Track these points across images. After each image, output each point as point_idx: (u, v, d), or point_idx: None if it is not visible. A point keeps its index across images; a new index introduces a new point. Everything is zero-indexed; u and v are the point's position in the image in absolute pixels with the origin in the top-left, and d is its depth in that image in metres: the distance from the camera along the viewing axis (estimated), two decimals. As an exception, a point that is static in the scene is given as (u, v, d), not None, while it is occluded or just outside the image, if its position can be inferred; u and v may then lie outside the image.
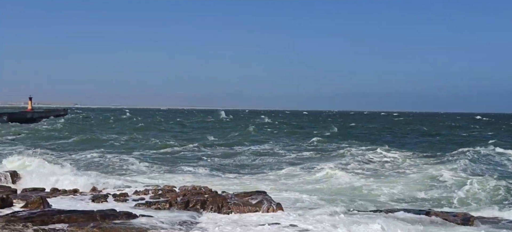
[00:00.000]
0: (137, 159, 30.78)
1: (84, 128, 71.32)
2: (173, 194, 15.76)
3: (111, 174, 24.75)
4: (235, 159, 33.35)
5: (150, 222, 11.09)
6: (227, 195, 15.56)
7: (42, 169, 22.20)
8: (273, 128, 75.45)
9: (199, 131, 68.78)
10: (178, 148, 40.34)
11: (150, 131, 65.62)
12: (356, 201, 18.26)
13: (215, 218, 12.24)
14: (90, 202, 14.56)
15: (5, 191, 15.12)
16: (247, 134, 57.27)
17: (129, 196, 15.89)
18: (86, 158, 31.95)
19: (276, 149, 39.76)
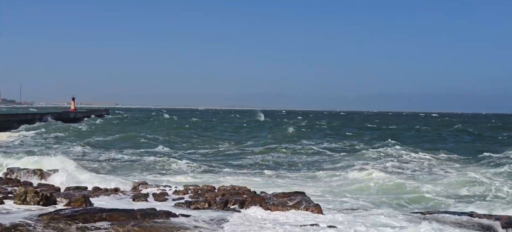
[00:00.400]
0: (177, 159, 31.06)
1: (124, 128, 72.36)
2: (212, 194, 15.83)
3: (151, 173, 25.03)
4: (273, 159, 33.29)
5: (189, 222, 11.13)
6: (266, 195, 15.53)
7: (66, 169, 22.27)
8: (311, 128, 75.13)
9: (237, 131, 69.04)
10: (217, 148, 40.57)
11: (188, 131, 66.21)
12: (395, 202, 17.99)
13: (253, 218, 12.20)
14: (131, 201, 14.73)
15: (49, 189, 15.43)
16: (285, 135, 57.11)
17: (169, 195, 16.04)
18: (124, 158, 32.36)
19: (314, 149, 39.53)
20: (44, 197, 13.04)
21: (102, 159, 31.18)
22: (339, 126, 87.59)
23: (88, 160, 30.69)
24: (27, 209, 12.05)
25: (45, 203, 12.86)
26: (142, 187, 17.78)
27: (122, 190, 16.97)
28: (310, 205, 13.94)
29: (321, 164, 30.07)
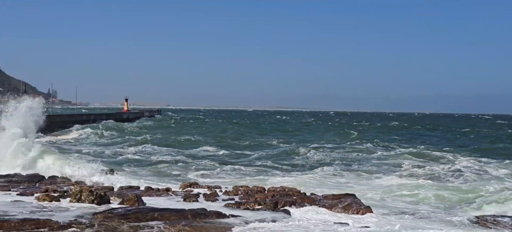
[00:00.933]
0: (227, 159, 31.25)
1: (176, 128, 73.39)
2: (262, 195, 15.85)
3: (202, 173, 25.27)
4: (322, 161, 33.01)
5: (239, 222, 11.17)
6: (316, 196, 15.45)
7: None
8: (357, 129, 74.19)
9: (284, 132, 69.00)
10: (267, 149, 40.63)
11: (239, 132, 66.57)
12: (441, 207, 17.35)
13: (303, 219, 12.14)
14: (182, 201, 14.91)
15: (103, 189, 15.80)
16: (332, 136, 56.57)
17: (219, 196, 16.15)
18: (175, 158, 32.77)
19: (364, 151, 38.99)
20: (98, 196, 13.37)
21: (153, 159, 31.69)
22: (388, 128, 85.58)
23: (139, 160, 31.27)
24: (82, 207, 12.38)
25: (99, 201, 13.19)
26: (192, 187, 17.97)
27: (173, 190, 17.20)
28: (360, 207, 13.77)
29: (370, 166, 29.49)
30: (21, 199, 13.75)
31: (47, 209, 11.99)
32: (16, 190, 15.66)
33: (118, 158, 32.43)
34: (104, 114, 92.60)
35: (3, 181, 17.36)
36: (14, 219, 10.43)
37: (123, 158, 32.40)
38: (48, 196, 13.77)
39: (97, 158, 26.62)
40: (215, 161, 30.83)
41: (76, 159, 26.97)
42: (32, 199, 13.75)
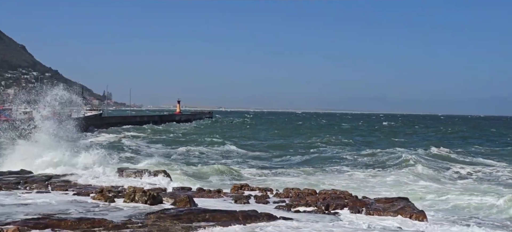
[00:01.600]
0: (278, 160, 31.23)
1: (226, 130, 73.96)
2: (313, 198, 15.77)
3: (252, 175, 25.33)
4: (373, 164, 32.54)
5: (289, 224, 11.14)
6: (368, 200, 15.25)
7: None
8: (404, 131, 72.79)
9: (334, 133, 68.54)
10: (317, 150, 40.43)
11: (288, 132, 66.52)
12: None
13: (355, 222, 12.00)
14: (233, 203, 15.00)
15: (156, 189, 16.06)
16: (379, 139, 55.52)
17: (270, 198, 16.17)
18: (227, 161, 32.97)
19: (412, 153, 38.18)
20: (151, 196, 13.61)
21: (203, 160, 32.00)
22: (442, 130, 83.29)
23: (190, 161, 31.63)
24: (135, 208, 12.63)
25: (152, 202, 13.42)
26: (243, 189, 18.04)
27: (224, 192, 17.32)
28: (414, 211, 13.50)
29: (419, 169, 28.73)
30: (78, 199, 14.16)
31: (102, 209, 12.29)
32: (72, 190, 16.13)
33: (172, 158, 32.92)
34: (158, 116, 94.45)
35: (61, 180, 17.90)
36: (70, 218, 10.75)
37: (174, 157, 32.91)
38: (103, 196, 14.11)
39: (162, 158, 27.20)
40: (265, 162, 30.88)
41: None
42: (88, 199, 14.13)
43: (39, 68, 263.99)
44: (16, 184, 16.81)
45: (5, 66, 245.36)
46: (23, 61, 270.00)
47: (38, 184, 16.96)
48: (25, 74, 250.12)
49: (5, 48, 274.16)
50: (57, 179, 18.22)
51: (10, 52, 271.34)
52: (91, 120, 69.12)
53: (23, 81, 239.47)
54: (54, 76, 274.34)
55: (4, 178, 18.05)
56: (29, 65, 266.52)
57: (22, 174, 19.79)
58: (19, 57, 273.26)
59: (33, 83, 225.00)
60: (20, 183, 17.01)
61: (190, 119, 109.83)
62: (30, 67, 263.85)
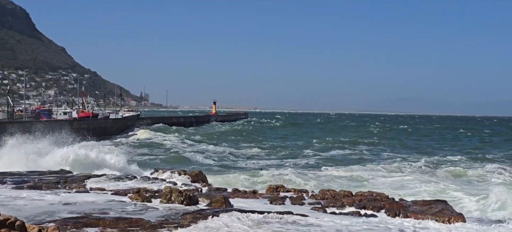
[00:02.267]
0: (311, 160, 31.10)
1: (262, 131, 74.04)
2: (349, 199, 15.67)
3: (289, 177, 25.25)
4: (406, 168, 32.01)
5: (325, 225, 11.08)
6: (405, 202, 15.07)
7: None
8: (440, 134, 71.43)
9: (369, 134, 67.91)
10: (362, 153, 40.16)
11: (325, 133, 66.25)
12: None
13: (392, 224, 11.86)
14: (268, 204, 15.02)
15: (192, 190, 16.20)
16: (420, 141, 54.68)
17: (306, 199, 16.13)
18: (267, 162, 33.00)
19: (450, 156, 37.52)
20: (187, 197, 13.73)
21: (239, 164, 32.09)
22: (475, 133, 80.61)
23: (225, 161, 31.79)
24: (171, 208, 12.76)
25: (188, 202, 13.54)
26: (279, 190, 18.03)
27: (260, 193, 17.35)
28: (452, 214, 13.28)
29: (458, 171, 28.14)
30: (115, 198, 14.39)
31: (139, 209, 12.46)
32: (110, 189, 16.41)
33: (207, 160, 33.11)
34: (194, 117, 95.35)
35: (99, 180, 18.22)
36: (108, 217, 10.94)
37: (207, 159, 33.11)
38: (140, 196, 14.31)
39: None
40: (309, 159, 30.78)
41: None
42: (125, 198, 14.35)
43: (78, 69, 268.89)
44: (56, 184, 17.19)
45: (45, 67, 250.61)
46: (63, 62, 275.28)
47: (77, 184, 17.32)
48: (65, 76, 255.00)
49: (46, 50, 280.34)
50: (95, 178, 18.55)
51: (50, 54, 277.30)
52: (130, 121, 70.19)
53: (63, 82, 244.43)
54: (93, 77, 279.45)
55: (45, 178, 18.48)
56: (68, 67, 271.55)
57: (61, 173, 20.23)
58: (59, 58, 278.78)
59: (72, 84, 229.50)
60: (60, 183, 17.40)
61: (228, 119, 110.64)
62: (69, 68, 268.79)
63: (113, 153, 25.99)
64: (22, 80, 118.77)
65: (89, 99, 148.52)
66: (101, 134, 53.43)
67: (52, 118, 64.63)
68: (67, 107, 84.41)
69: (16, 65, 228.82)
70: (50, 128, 40.16)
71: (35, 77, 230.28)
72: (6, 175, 18.96)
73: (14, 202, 12.81)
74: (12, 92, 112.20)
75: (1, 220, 7.91)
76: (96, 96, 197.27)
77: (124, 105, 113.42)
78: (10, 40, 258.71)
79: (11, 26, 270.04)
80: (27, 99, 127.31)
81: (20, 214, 9.80)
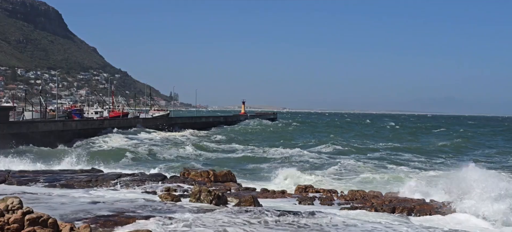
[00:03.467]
0: (351, 160, 30.81)
1: (297, 132, 73.92)
2: (379, 200, 15.55)
3: (321, 177, 25.11)
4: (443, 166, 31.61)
5: (352, 225, 11.02)
6: (436, 203, 14.89)
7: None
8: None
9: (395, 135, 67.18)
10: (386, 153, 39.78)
11: (358, 135, 65.78)
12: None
13: (421, 226, 11.73)
14: (297, 204, 15.01)
15: (221, 189, 16.28)
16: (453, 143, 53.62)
17: (335, 200, 16.06)
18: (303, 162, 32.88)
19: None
20: (216, 196, 13.81)
21: (265, 163, 32.07)
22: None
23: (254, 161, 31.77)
24: (200, 207, 12.85)
25: (217, 202, 13.61)
26: (308, 190, 17.98)
27: (288, 193, 17.34)
28: (485, 216, 13.11)
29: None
30: (145, 197, 14.56)
31: (168, 207, 12.57)
32: (140, 188, 16.60)
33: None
34: (223, 117, 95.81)
35: (130, 179, 18.45)
36: (138, 215, 11.08)
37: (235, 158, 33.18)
38: (169, 195, 14.46)
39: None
40: (333, 162, 30.61)
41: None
42: (155, 197, 14.50)
43: (109, 69, 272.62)
44: (87, 182, 17.47)
45: (77, 67, 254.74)
46: (94, 63, 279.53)
47: (108, 182, 17.56)
48: (96, 76, 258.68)
49: (78, 50, 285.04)
50: (126, 177, 18.78)
51: (82, 54, 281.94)
52: (159, 120, 70.85)
53: (94, 82, 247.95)
54: (124, 77, 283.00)
55: (77, 176, 18.79)
56: (99, 67, 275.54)
57: (93, 172, 20.54)
58: (91, 59, 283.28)
59: (103, 84, 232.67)
60: (91, 181, 17.67)
61: (258, 118, 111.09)
62: (100, 68, 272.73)
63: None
64: (54, 80, 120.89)
65: (120, 98, 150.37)
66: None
67: (83, 117, 65.59)
68: (99, 107, 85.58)
69: (48, 65, 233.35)
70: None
71: (67, 77, 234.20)
72: (39, 174, 19.33)
73: (47, 200, 13.06)
74: (45, 92, 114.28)
75: (34, 217, 8.08)
76: (127, 96, 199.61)
77: (153, 105, 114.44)
78: (43, 40, 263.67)
79: (44, 27, 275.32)
80: (59, 98, 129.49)
81: (52, 213, 10.00)
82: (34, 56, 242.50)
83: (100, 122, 55.00)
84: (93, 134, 48.32)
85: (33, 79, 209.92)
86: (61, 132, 43.77)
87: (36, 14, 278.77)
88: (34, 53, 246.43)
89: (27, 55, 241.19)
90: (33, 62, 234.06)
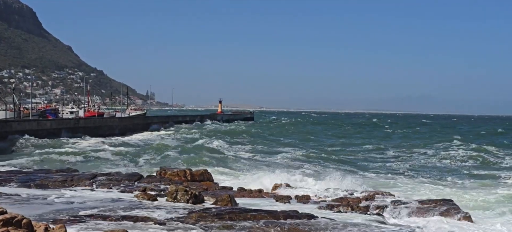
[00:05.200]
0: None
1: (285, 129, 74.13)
2: (355, 199, 15.70)
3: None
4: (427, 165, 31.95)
5: (330, 224, 11.12)
6: (410, 201, 15.07)
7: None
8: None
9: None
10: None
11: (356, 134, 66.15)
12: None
13: (396, 224, 11.91)
14: (274, 202, 15.07)
15: (197, 188, 16.27)
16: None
17: (311, 198, 16.17)
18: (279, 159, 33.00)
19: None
20: (193, 195, 13.82)
21: (243, 159, 32.11)
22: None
23: (230, 161, 31.77)
24: (177, 206, 12.84)
25: (194, 201, 13.63)
26: (284, 188, 18.05)
27: (265, 191, 17.41)
28: (459, 213, 13.35)
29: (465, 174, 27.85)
30: (121, 196, 14.49)
31: (144, 207, 12.54)
32: (117, 188, 16.51)
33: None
34: (199, 116, 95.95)
35: (106, 178, 18.33)
36: (114, 215, 11.03)
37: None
38: (146, 194, 14.41)
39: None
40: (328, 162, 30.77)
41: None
42: (131, 196, 14.44)
43: (84, 68, 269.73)
44: (62, 182, 17.30)
45: (52, 66, 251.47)
46: (69, 61, 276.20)
47: (84, 182, 17.42)
48: (71, 74, 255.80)
49: (52, 49, 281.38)
50: (102, 177, 18.65)
51: (56, 52, 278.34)
52: (136, 119, 70.46)
53: (69, 81, 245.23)
54: (99, 76, 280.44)
55: (52, 176, 18.58)
56: (75, 66, 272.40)
57: (68, 172, 20.34)
58: (66, 57, 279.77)
59: (78, 83, 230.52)
60: (66, 181, 17.50)
61: (235, 118, 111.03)
62: (76, 67, 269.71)
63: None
64: (28, 79, 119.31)
65: (96, 98, 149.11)
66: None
67: (58, 117, 64.85)
68: (74, 106, 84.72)
69: (22, 63, 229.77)
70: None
71: (42, 76, 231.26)
72: (13, 174, 19.09)
73: (21, 200, 12.92)
74: (18, 90, 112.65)
75: (8, 218, 7.99)
76: (102, 95, 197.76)
77: (130, 104, 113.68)
78: (17, 38, 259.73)
79: (18, 25, 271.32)
80: (34, 98, 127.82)
81: (26, 213, 9.90)
82: (7, 55, 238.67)
83: (76, 121, 54.47)
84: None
85: (6, 78, 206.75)
86: (36, 131, 43.24)
87: (10, 12, 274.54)
88: (7, 51, 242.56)
89: (1, 53, 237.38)
90: (6, 60, 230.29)
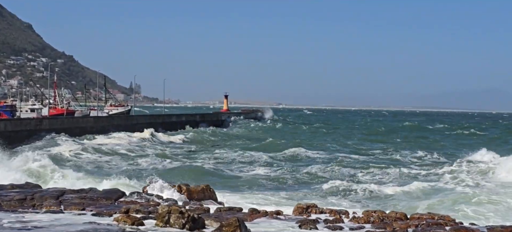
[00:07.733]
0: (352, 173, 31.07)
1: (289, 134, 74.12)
2: (402, 224, 15.63)
3: (325, 193, 25.25)
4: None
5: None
6: (477, 228, 15.01)
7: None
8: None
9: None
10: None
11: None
12: None
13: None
14: (297, 228, 15.04)
15: (196, 210, 16.29)
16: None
17: (345, 222, 16.12)
18: (291, 174, 33.07)
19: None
20: (190, 218, 13.79)
21: (256, 173, 32.19)
22: None
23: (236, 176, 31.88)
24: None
25: (192, 226, 13.60)
26: (310, 211, 18.03)
27: (285, 213, 17.38)
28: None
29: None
30: (97, 220, 14.53)
31: (127, 234, 12.57)
32: (91, 209, 16.57)
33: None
34: (198, 115, 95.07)
35: (76, 197, 18.40)
36: (88, 244, 11.07)
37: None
38: (129, 217, 14.43)
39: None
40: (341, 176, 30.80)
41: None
42: (110, 221, 14.48)
43: (49, 53, 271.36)
44: (20, 201, 17.36)
45: (7, 50, 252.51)
46: (30, 44, 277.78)
47: (48, 201, 17.48)
48: (31, 61, 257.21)
49: (8, 27, 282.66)
50: (72, 195, 18.72)
51: (13, 32, 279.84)
52: (116, 120, 70.62)
53: (29, 69, 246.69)
54: (69, 63, 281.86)
55: (6, 194, 18.63)
56: (36, 49, 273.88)
57: (28, 187, 20.42)
58: (24, 38, 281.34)
59: (42, 72, 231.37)
60: (26, 200, 17.57)
61: (245, 117, 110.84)
62: (38, 51, 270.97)
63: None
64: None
65: (64, 91, 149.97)
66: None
67: (15, 116, 65.21)
68: (36, 102, 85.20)
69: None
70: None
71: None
72: (-44, 190, 19.21)
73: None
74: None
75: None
76: (73, 88, 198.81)
77: (109, 99, 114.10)
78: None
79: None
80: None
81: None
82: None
83: (38, 122, 54.76)
84: (28, 137, 48.17)
85: None
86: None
87: None
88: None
89: None
90: None
